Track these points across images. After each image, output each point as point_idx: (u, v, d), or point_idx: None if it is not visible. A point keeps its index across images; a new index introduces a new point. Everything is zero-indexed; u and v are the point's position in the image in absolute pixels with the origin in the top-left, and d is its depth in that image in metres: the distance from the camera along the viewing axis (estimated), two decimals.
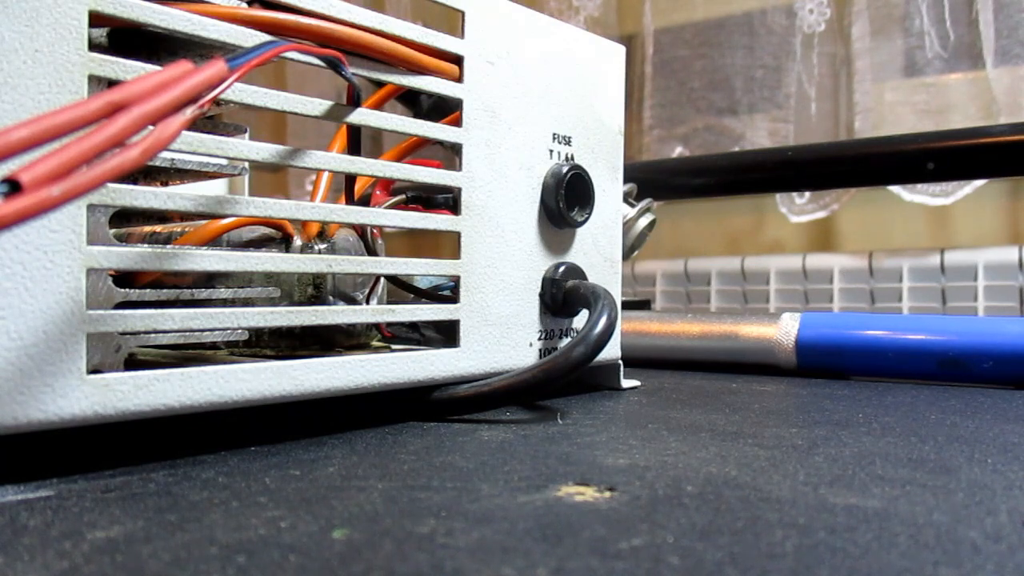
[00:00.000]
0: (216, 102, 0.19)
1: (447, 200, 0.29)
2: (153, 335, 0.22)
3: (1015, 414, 0.29)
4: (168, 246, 0.24)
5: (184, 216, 0.27)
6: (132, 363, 0.21)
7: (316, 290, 0.28)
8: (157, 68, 0.19)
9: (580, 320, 0.32)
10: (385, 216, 0.26)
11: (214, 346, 0.29)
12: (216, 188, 0.36)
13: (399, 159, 0.29)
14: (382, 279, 0.31)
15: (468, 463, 0.20)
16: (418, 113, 0.34)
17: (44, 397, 0.18)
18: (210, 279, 0.26)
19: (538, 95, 0.30)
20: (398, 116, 0.26)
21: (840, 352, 0.40)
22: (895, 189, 0.85)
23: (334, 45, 0.23)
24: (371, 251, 0.29)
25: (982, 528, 0.15)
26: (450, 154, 0.29)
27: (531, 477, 0.19)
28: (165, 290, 0.23)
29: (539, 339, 0.30)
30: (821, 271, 0.86)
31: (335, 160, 0.24)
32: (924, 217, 0.87)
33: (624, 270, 0.36)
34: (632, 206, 0.45)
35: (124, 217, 0.25)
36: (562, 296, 0.30)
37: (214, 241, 0.26)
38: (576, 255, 0.32)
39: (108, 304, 0.20)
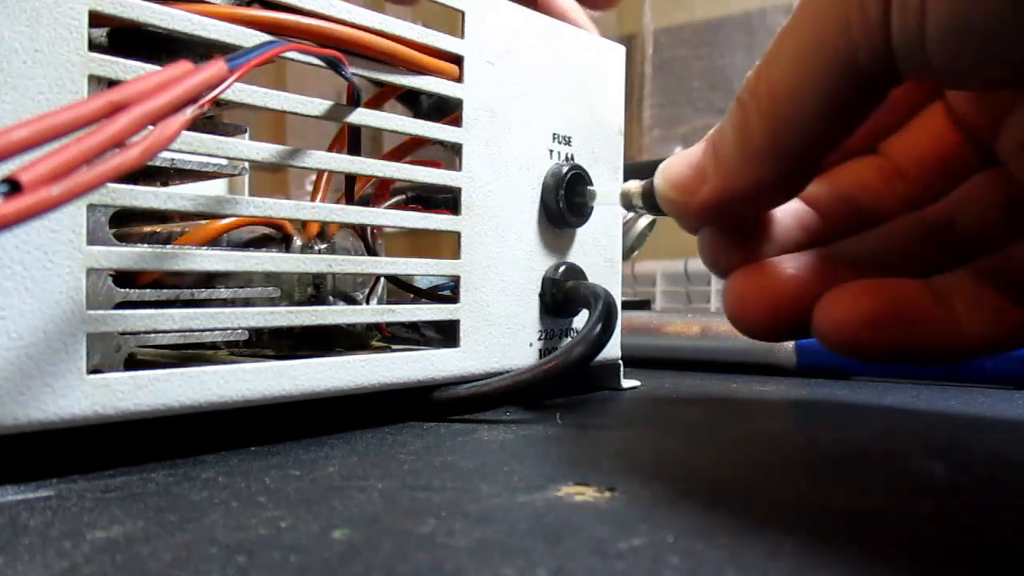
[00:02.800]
0: (216, 102, 0.19)
1: (447, 200, 0.29)
2: (153, 335, 0.22)
3: (1015, 414, 0.29)
4: (168, 246, 0.24)
5: (184, 216, 0.27)
6: (132, 363, 0.21)
7: (316, 290, 0.28)
8: (157, 68, 0.19)
9: (580, 320, 0.32)
10: (385, 216, 0.26)
11: (214, 346, 0.29)
12: (216, 188, 0.36)
13: (399, 159, 0.29)
14: (382, 279, 0.31)
15: (468, 463, 0.20)
16: (418, 113, 0.34)
17: (44, 397, 0.18)
18: (210, 279, 0.26)
19: (538, 95, 0.30)
20: (398, 116, 0.26)
21: None
22: None
23: (334, 45, 0.23)
24: (371, 251, 0.29)
25: (983, 528, 0.15)
26: (450, 154, 0.29)
27: (531, 477, 0.19)
28: (165, 290, 0.23)
29: (539, 339, 0.30)
30: None
31: (335, 160, 0.24)
32: None
33: (624, 270, 0.36)
34: None
35: (124, 217, 0.25)
36: (562, 296, 0.30)
37: (214, 241, 0.26)
38: (576, 255, 0.32)
39: (108, 304, 0.20)
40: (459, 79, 0.27)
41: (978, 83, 0.19)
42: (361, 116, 0.24)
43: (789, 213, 0.23)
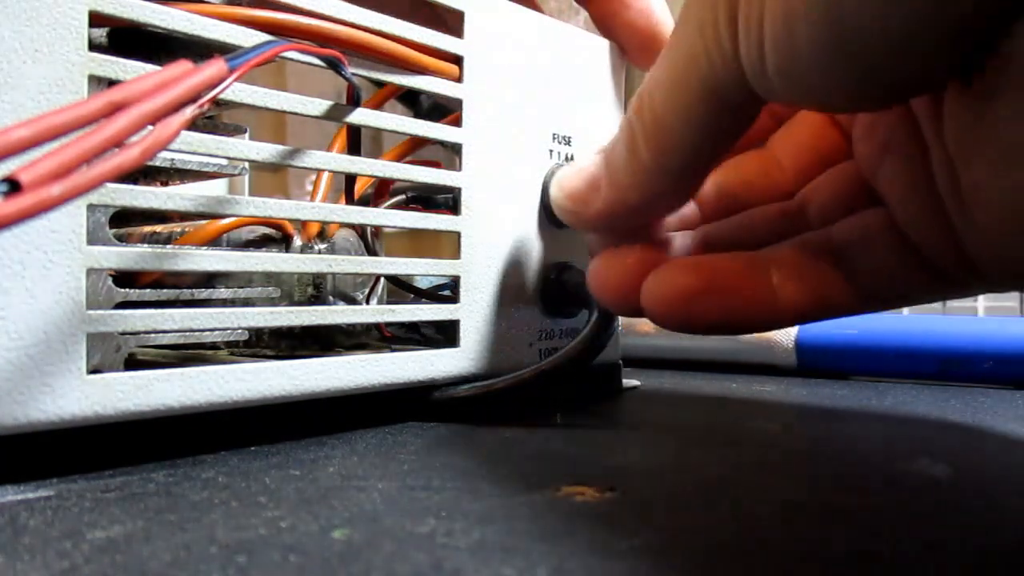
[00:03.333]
0: (216, 102, 0.18)
1: (447, 200, 0.29)
2: (153, 335, 0.22)
3: (1015, 414, 0.29)
4: (168, 246, 0.24)
5: (184, 216, 0.27)
6: (132, 363, 0.21)
7: (316, 290, 0.28)
8: (157, 68, 0.19)
9: (580, 320, 0.32)
10: (385, 216, 0.26)
11: (214, 346, 0.29)
12: (216, 188, 0.36)
13: (399, 159, 0.29)
14: (382, 279, 0.31)
15: (468, 463, 0.20)
16: (418, 113, 0.34)
17: (44, 397, 0.18)
18: (210, 279, 0.26)
19: (538, 95, 0.30)
20: (398, 116, 0.26)
21: (840, 352, 0.40)
22: None
23: (334, 45, 0.23)
24: (371, 251, 0.29)
25: (983, 528, 0.15)
26: (450, 154, 0.29)
27: (531, 477, 0.19)
28: (165, 290, 0.23)
29: (539, 339, 0.30)
30: None
31: (335, 160, 0.24)
32: None
33: None
34: None
35: (124, 217, 0.25)
36: (562, 296, 0.30)
37: (214, 241, 0.26)
38: (576, 255, 0.32)
39: (108, 304, 0.20)
40: (459, 79, 0.27)
41: (820, 110, 0.21)
42: (361, 116, 0.24)
43: None
